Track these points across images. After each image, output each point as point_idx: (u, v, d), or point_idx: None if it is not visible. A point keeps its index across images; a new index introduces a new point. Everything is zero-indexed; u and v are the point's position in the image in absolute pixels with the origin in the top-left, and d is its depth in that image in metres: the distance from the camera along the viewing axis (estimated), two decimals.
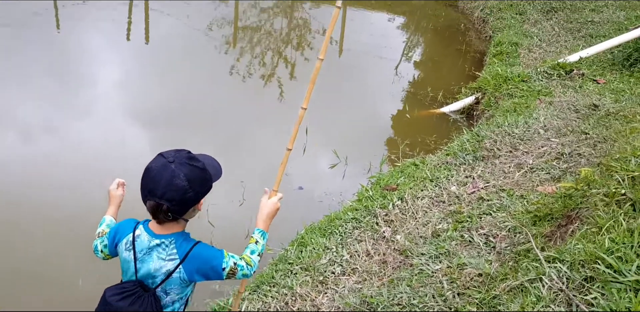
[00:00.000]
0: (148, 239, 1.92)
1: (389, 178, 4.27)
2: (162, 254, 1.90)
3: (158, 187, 1.80)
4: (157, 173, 1.82)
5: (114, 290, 1.94)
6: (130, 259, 1.93)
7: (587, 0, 9.61)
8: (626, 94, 5.55)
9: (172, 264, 1.89)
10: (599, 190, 3.05)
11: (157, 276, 1.92)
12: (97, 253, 2.11)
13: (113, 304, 1.90)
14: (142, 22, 8.93)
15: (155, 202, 1.82)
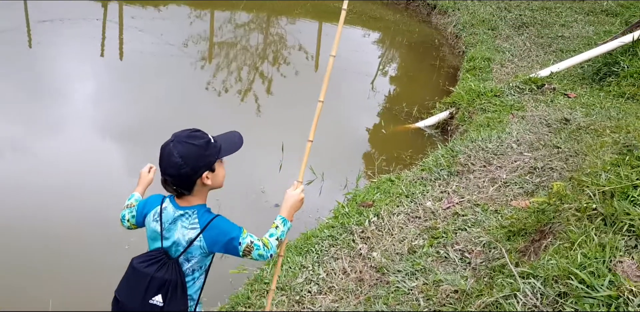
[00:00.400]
0: (173, 210, 2.11)
1: (365, 194, 4.27)
2: (185, 223, 2.08)
3: (162, 164, 2.05)
4: (162, 152, 2.07)
5: (142, 258, 2.11)
6: (157, 229, 2.12)
7: (557, 16, 9.86)
8: (596, 108, 5.67)
9: (193, 233, 2.06)
10: (571, 205, 3.09)
11: (180, 244, 2.08)
12: (124, 222, 2.33)
13: (141, 270, 2.06)
14: (116, 38, 8.88)
15: (162, 177, 2.07)
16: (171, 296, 2.06)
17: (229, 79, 7.97)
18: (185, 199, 2.10)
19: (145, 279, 2.05)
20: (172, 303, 2.06)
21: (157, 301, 2.05)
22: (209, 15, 10.79)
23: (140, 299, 2.06)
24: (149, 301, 2.05)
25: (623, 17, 9.26)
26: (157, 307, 2.05)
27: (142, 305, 2.06)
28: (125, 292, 2.12)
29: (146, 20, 9.77)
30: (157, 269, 2.06)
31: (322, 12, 11.55)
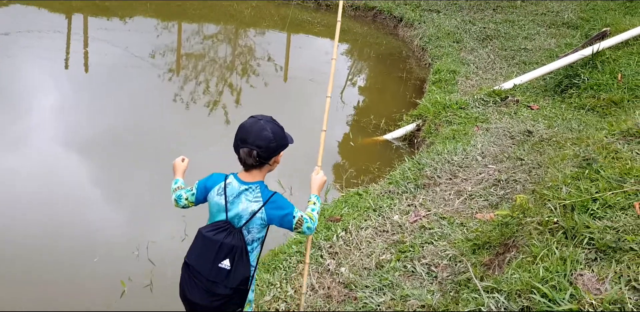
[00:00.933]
0: (238, 185, 2.37)
1: (333, 209, 4.29)
2: (249, 197, 2.35)
3: (250, 136, 2.29)
4: (249, 127, 2.31)
5: (209, 227, 2.37)
6: (222, 203, 2.37)
7: (520, 29, 10.10)
8: (558, 120, 5.81)
9: (256, 205, 2.35)
10: (533, 218, 3.15)
11: (243, 216, 2.35)
12: (180, 201, 2.58)
13: (210, 238, 2.32)
14: (81, 51, 8.76)
15: (248, 148, 2.29)
16: (237, 260, 2.31)
17: (197, 91, 7.92)
18: (250, 175, 2.38)
19: (215, 245, 2.30)
20: (238, 267, 2.31)
21: (226, 264, 2.30)
22: (176, 27, 10.73)
23: (210, 263, 2.30)
24: (218, 264, 2.30)
25: (583, 30, 9.53)
26: (225, 270, 2.30)
27: (211, 268, 2.30)
28: (196, 257, 2.35)
29: (112, 32, 9.67)
30: (225, 236, 2.31)
31: (290, 24, 11.60)
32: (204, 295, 2.33)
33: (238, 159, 2.37)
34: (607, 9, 10.76)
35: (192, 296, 2.36)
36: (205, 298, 2.33)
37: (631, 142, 3.61)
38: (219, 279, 2.31)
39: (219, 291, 2.32)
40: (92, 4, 11.14)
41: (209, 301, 2.33)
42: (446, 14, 11.27)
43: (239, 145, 2.32)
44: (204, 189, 2.48)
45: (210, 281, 2.31)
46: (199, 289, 2.34)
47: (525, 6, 11.85)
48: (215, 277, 2.31)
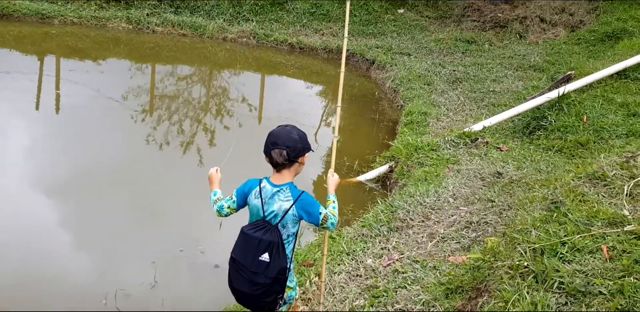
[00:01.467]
0: (270, 188, 2.75)
1: (307, 253, 4.25)
2: (281, 197, 2.73)
3: (279, 139, 2.69)
4: (278, 132, 2.74)
5: (250, 226, 2.74)
6: (259, 204, 2.74)
7: (488, 71, 10.40)
8: (527, 161, 5.92)
9: (288, 204, 2.72)
10: (504, 262, 3.16)
11: (278, 214, 2.71)
12: (222, 211, 2.89)
13: (251, 235, 2.68)
14: (53, 92, 8.71)
15: (278, 149, 2.67)
16: (275, 253, 2.66)
17: (171, 132, 7.90)
18: (281, 177, 2.75)
19: (255, 241, 2.66)
20: (276, 259, 2.66)
21: (265, 257, 2.64)
22: (150, 68, 10.79)
23: (252, 257, 2.66)
24: (259, 258, 2.65)
25: (549, 73, 9.85)
26: (264, 262, 2.64)
27: (253, 261, 2.65)
28: (240, 253, 2.71)
29: (85, 74, 9.66)
30: (263, 233, 2.67)
31: (263, 65, 11.77)
32: (248, 284, 2.69)
33: (269, 161, 2.74)
34: (572, 52, 11.19)
35: (238, 285, 2.74)
36: (249, 287, 2.70)
37: (597, 185, 3.68)
38: (260, 270, 2.65)
39: (260, 280, 2.67)
40: (64, 45, 11.16)
41: (252, 289, 2.69)
42: (417, 57, 11.57)
43: (270, 148, 2.70)
44: (243, 195, 2.84)
45: (253, 272, 2.66)
46: (244, 279, 2.69)
47: (493, 50, 12.25)
48: (256, 268, 2.66)
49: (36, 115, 7.78)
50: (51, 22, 12.17)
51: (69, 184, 5.65)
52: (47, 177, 5.80)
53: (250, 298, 2.74)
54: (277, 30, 13.24)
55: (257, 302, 2.75)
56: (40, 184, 5.62)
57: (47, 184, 5.62)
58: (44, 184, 5.61)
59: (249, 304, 2.81)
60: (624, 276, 2.72)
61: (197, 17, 13.31)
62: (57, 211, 5.23)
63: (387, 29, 13.71)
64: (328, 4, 14.18)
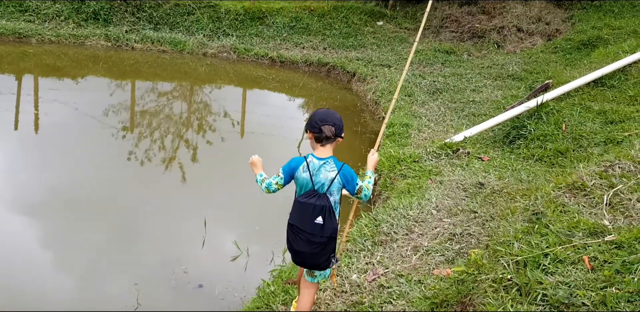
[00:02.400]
0: (317, 161, 3.15)
1: (291, 270, 4.21)
2: (327, 168, 3.14)
3: (328, 117, 3.14)
4: (325, 112, 3.19)
5: (303, 196, 3.13)
6: (307, 177, 3.13)
7: (467, 82, 10.49)
8: (508, 171, 5.95)
9: (333, 174, 3.14)
10: (488, 275, 3.16)
11: (325, 183, 3.12)
12: (270, 187, 3.27)
13: (306, 202, 3.09)
14: (32, 111, 8.62)
15: (329, 125, 3.11)
16: (327, 216, 3.09)
17: (153, 148, 7.84)
18: (325, 150, 3.16)
19: (310, 207, 3.08)
20: (328, 222, 3.10)
21: (319, 220, 3.08)
22: (130, 85, 10.73)
23: (309, 221, 3.08)
24: (314, 221, 3.07)
25: (527, 82, 9.97)
26: (319, 225, 3.08)
27: (310, 225, 3.08)
28: (297, 219, 3.13)
29: (64, 92, 9.58)
30: (315, 200, 3.08)
31: (245, 80, 11.77)
32: (307, 245, 3.12)
33: (316, 137, 3.13)
34: (549, 61, 11.36)
35: (298, 247, 3.15)
36: (309, 247, 3.12)
37: (577, 195, 3.72)
38: (316, 231, 3.09)
39: (317, 240, 3.10)
40: (43, 64, 11.07)
41: (311, 248, 3.12)
42: (397, 68, 11.64)
43: (320, 124, 3.10)
44: (290, 171, 3.21)
45: (310, 234, 3.09)
46: (303, 241, 3.12)
47: (471, 60, 12.39)
48: (313, 230, 3.08)
49: (15, 135, 7.68)
50: (28, 41, 12.08)
51: (49, 203, 5.58)
52: (27, 196, 5.72)
53: (311, 256, 3.16)
54: (258, 45, 13.27)
55: (316, 260, 3.18)
56: (20, 204, 5.53)
57: (27, 203, 5.54)
58: (23, 204, 5.53)
59: (309, 263, 3.23)
60: (606, 286, 2.74)
61: (177, 33, 13.30)
62: (37, 231, 5.15)
63: (367, 41, 13.81)
64: (308, 17, 14.26)
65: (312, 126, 3.14)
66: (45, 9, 12.89)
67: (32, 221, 5.27)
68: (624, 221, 3.29)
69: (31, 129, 7.98)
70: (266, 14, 14.11)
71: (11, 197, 5.71)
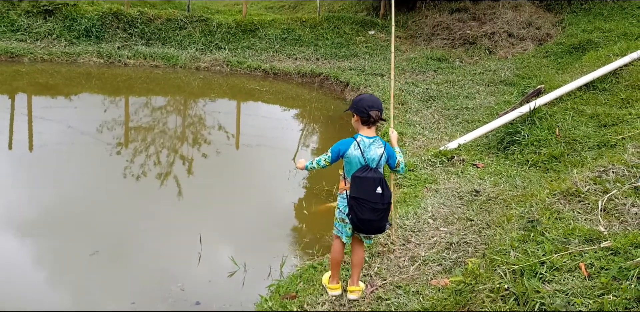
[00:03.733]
0: (367, 140, 3.62)
1: (289, 284, 4.18)
2: (376, 145, 3.63)
3: (375, 103, 3.57)
4: (370, 97, 3.63)
5: (359, 172, 3.57)
6: (359, 154, 3.59)
7: (460, 88, 10.52)
8: (503, 177, 5.95)
9: (382, 150, 3.64)
10: (485, 285, 3.14)
11: (375, 159, 3.61)
12: (320, 162, 3.78)
13: (364, 176, 3.54)
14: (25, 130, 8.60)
15: (376, 110, 3.56)
16: (384, 187, 3.58)
17: (147, 163, 7.82)
18: (371, 131, 3.64)
19: (370, 180, 3.54)
20: (385, 191, 3.59)
21: (379, 190, 3.55)
22: (123, 101, 10.73)
23: (370, 192, 3.54)
24: (375, 191, 3.54)
25: (520, 87, 10.00)
26: (379, 194, 3.55)
27: (372, 195, 3.54)
28: (360, 192, 3.54)
29: (57, 110, 9.57)
30: (372, 173, 3.55)
31: (238, 92, 11.79)
32: (372, 212, 3.56)
33: (364, 120, 3.58)
34: (541, 65, 11.40)
35: (366, 216, 3.57)
36: (373, 214, 3.57)
37: (572, 201, 3.71)
38: (378, 200, 3.54)
39: (379, 207, 3.57)
40: (36, 83, 11.07)
41: (376, 216, 3.58)
42: (390, 77, 11.65)
43: (368, 110, 3.53)
44: (338, 151, 3.66)
45: (373, 202, 3.53)
46: (368, 210, 3.55)
47: (463, 66, 12.44)
48: (375, 199, 3.54)
49: (9, 154, 7.66)
50: (21, 60, 12.10)
51: (43, 221, 5.54)
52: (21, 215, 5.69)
53: (376, 223, 3.61)
54: (250, 57, 13.31)
55: (379, 226, 3.65)
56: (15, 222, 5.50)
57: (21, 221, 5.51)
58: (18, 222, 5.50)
59: (375, 228, 3.65)
60: (604, 293, 2.72)
61: (169, 47, 13.34)
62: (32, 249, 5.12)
63: (359, 50, 13.87)
64: (300, 29, 14.32)
65: (360, 111, 3.56)
66: (37, 28, 12.93)
67: (26, 238, 5.23)
68: (619, 227, 3.28)
69: (26, 148, 7.96)
70: (258, 26, 14.17)
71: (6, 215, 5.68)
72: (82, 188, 6.49)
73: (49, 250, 5.11)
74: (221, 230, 5.71)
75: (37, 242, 5.23)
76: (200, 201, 6.45)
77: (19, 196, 6.20)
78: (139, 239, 5.40)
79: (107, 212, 5.89)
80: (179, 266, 4.85)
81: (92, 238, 5.29)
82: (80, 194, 6.32)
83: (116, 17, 13.44)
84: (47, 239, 5.27)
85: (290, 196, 6.64)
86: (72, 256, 4.98)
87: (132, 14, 13.60)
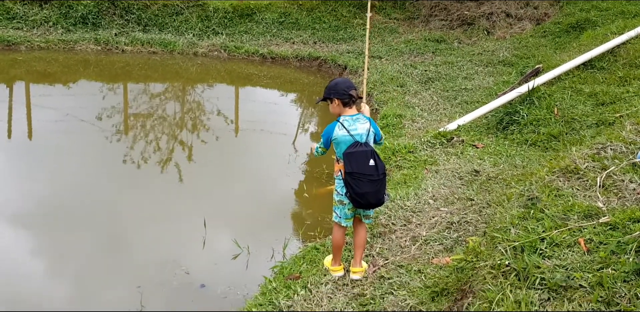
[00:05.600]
0: (349, 118, 3.73)
1: (292, 266, 4.24)
2: (360, 121, 3.74)
3: (349, 84, 3.76)
4: (344, 80, 3.84)
5: (349, 149, 3.67)
6: (345, 133, 3.70)
7: (459, 69, 10.50)
8: (503, 157, 5.98)
9: (367, 125, 3.75)
10: (486, 262, 3.19)
11: (362, 134, 3.71)
12: (317, 150, 4.00)
13: (356, 151, 3.65)
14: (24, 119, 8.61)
15: (354, 89, 3.72)
16: (377, 158, 3.70)
17: (148, 150, 7.84)
18: (351, 110, 3.76)
19: (361, 154, 3.66)
20: (378, 161, 3.71)
21: (372, 162, 3.66)
22: (122, 88, 10.72)
23: (364, 165, 3.65)
24: (369, 164, 3.65)
25: (518, 67, 9.98)
26: (373, 166, 3.66)
27: (366, 168, 3.65)
28: (354, 166, 3.65)
29: (56, 98, 9.57)
30: (362, 147, 3.67)
31: (236, 78, 11.76)
32: (369, 185, 3.66)
33: (345, 102, 3.71)
34: (539, 45, 11.36)
35: (365, 189, 3.66)
36: (370, 187, 3.67)
37: (570, 178, 3.74)
38: (372, 171, 3.66)
39: (375, 178, 3.67)
40: (33, 71, 11.04)
41: (373, 187, 3.67)
42: (388, 59, 11.64)
43: (347, 91, 3.68)
44: (327, 137, 3.78)
45: (368, 175, 3.64)
46: (366, 183, 3.66)
47: (462, 47, 12.39)
48: (370, 171, 3.65)
49: (9, 142, 7.69)
50: (18, 48, 12.04)
51: (45, 209, 5.59)
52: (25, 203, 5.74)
53: (374, 195, 3.69)
54: (248, 42, 13.24)
55: (378, 197, 3.72)
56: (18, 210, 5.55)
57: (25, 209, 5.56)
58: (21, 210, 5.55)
59: (374, 201, 3.73)
60: (602, 267, 2.77)
61: (166, 34, 13.26)
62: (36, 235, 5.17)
63: (357, 33, 13.79)
64: (297, 12, 14.22)
65: (341, 94, 3.69)
66: (33, 16, 12.84)
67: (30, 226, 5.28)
68: (617, 202, 3.32)
69: (25, 136, 7.98)
70: (255, 10, 14.07)
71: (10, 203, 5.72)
72: (83, 175, 6.52)
73: (53, 236, 5.16)
74: (223, 214, 5.76)
75: (41, 229, 5.27)
76: (201, 187, 6.49)
77: (21, 184, 6.23)
78: (143, 224, 5.45)
79: (110, 199, 5.94)
80: (183, 250, 4.90)
81: (95, 224, 5.34)
82: (82, 181, 6.36)
83: (112, 3, 13.33)
84: (51, 226, 5.31)
85: (291, 179, 6.67)
86: (76, 243, 5.03)
87: (129, 0, 13.49)
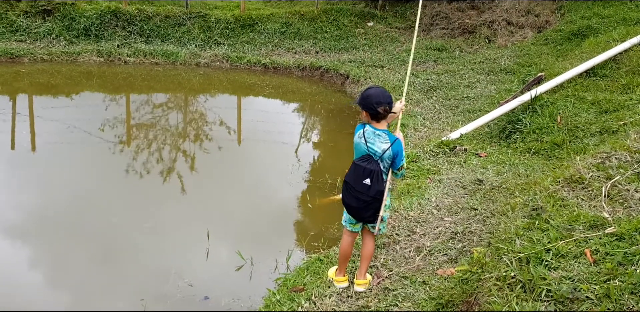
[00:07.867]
0: (372, 131, 3.61)
1: (296, 278, 4.21)
2: (381, 139, 3.59)
3: (382, 98, 3.52)
4: (376, 92, 3.56)
5: (359, 159, 3.63)
6: (363, 143, 3.61)
7: (461, 78, 10.50)
8: (506, 166, 5.96)
9: (386, 146, 3.58)
10: (491, 273, 3.16)
11: (377, 152, 3.58)
12: None
13: (360, 165, 3.61)
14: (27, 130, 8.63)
15: (383, 106, 3.51)
16: (375, 179, 3.58)
17: (150, 161, 7.84)
18: (379, 125, 3.62)
19: (361, 170, 3.59)
20: (375, 184, 3.58)
21: (367, 182, 3.57)
22: (124, 99, 10.74)
23: (360, 181, 3.59)
24: (363, 181, 3.58)
25: (520, 75, 9.97)
26: (367, 185, 3.58)
27: (360, 185, 3.59)
28: (351, 178, 3.64)
29: (58, 109, 9.58)
30: (367, 164, 3.58)
31: (239, 88, 11.78)
32: (354, 200, 3.64)
33: (372, 115, 3.56)
34: (541, 53, 11.36)
35: (348, 201, 3.68)
36: (355, 202, 3.64)
37: (575, 188, 3.72)
38: (363, 190, 3.59)
39: (362, 198, 3.61)
40: (36, 83, 11.09)
41: (357, 203, 3.64)
42: (390, 68, 11.66)
43: (376, 106, 3.50)
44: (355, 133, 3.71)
45: (358, 191, 3.60)
46: (352, 197, 3.64)
47: (463, 56, 12.41)
48: (361, 189, 3.59)
49: (12, 154, 7.69)
50: (21, 60, 12.11)
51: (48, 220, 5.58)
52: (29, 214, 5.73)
53: (357, 210, 3.68)
54: (250, 52, 13.29)
55: (361, 214, 3.69)
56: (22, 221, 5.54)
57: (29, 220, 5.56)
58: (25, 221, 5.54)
59: (356, 215, 3.73)
60: (609, 279, 2.74)
61: (169, 44, 13.33)
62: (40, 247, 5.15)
63: (359, 42, 13.84)
64: (298, 22, 14.29)
65: (368, 108, 3.56)
66: (36, 28, 12.92)
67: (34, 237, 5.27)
68: (623, 212, 3.29)
69: (28, 148, 7.99)
70: (256, 20, 14.14)
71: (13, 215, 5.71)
72: (87, 186, 6.52)
73: (55, 248, 5.14)
74: (226, 225, 5.74)
75: (44, 240, 5.26)
76: (204, 197, 6.48)
77: (24, 195, 6.23)
78: (145, 236, 5.44)
79: (113, 210, 5.92)
80: (186, 261, 4.88)
81: (98, 236, 5.33)
82: (84, 192, 6.35)
83: (115, 15, 13.42)
84: (53, 237, 5.30)
85: (294, 189, 6.66)
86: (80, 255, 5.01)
87: (131, 12, 13.57)
